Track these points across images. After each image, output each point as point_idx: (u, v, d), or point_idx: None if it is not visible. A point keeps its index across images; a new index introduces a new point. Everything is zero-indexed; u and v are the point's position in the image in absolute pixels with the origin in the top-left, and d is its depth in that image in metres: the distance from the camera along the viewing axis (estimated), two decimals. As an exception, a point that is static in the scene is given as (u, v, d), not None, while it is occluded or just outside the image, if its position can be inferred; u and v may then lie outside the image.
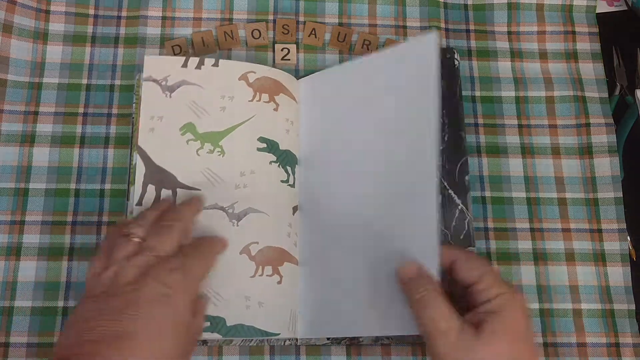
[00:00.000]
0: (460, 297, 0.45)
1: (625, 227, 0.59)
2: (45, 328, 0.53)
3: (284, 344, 0.54)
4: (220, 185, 0.52)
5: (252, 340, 0.52)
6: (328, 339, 0.52)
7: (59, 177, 0.57)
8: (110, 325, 0.40)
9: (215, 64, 0.54)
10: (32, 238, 0.55)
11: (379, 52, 0.53)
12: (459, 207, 0.53)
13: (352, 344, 0.53)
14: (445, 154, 0.54)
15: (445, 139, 0.55)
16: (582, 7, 0.66)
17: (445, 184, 0.54)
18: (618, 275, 0.57)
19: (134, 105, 0.58)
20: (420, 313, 0.43)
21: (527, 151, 0.61)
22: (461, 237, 0.52)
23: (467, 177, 0.53)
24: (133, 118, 0.58)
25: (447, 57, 0.57)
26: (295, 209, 0.54)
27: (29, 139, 0.58)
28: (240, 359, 0.53)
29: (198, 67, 0.54)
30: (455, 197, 0.53)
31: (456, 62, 0.56)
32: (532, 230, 0.58)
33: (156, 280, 0.42)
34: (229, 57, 0.62)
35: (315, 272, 0.52)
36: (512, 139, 0.61)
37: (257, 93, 0.54)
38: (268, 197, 0.52)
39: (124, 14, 0.62)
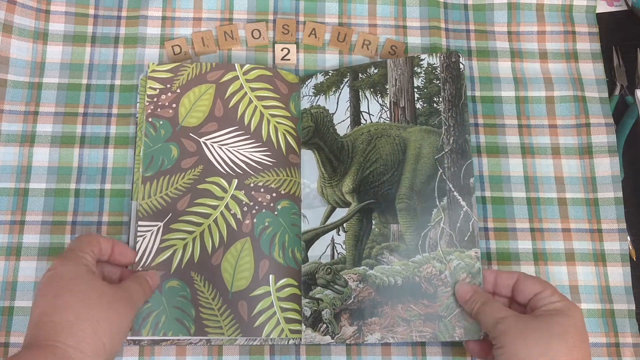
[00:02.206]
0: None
1: (625, 227, 0.59)
2: (45, 328, 0.53)
3: (287, 343, 0.54)
4: None
5: (255, 339, 0.52)
6: (332, 338, 0.52)
7: (59, 177, 0.57)
8: None
9: None
10: (32, 238, 0.55)
11: None
12: (464, 209, 0.53)
13: (356, 343, 0.54)
14: (451, 157, 0.55)
15: (451, 142, 0.55)
16: (582, 7, 0.66)
17: (450, 185, 0.54)
18: (618, 275, 0.57)
19: (137, 105, 0.58)
20: (482, 316, 0.49)
21: (527, 151, 0.61)
22: (466, 238, 0.53)
23: (471, 180, 0.54)
24: (137, 118, 0.58)
25: (452, 61, 0.57)
26: None
27: (29, 139, 0.58)
28: (240, 359, 0.53)
29: None
30: (460, 199, 0.53)
31: (461, 66, 0.56)
32: (532, 230, 0.58)
33: None
34: (229, 57, 0.62)
35: None
36: (512, 139, 0.61)
37: None
38: None
39: (124, 14, 0.62)
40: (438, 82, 0.57)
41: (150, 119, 0.56)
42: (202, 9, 0.63)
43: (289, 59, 0.62)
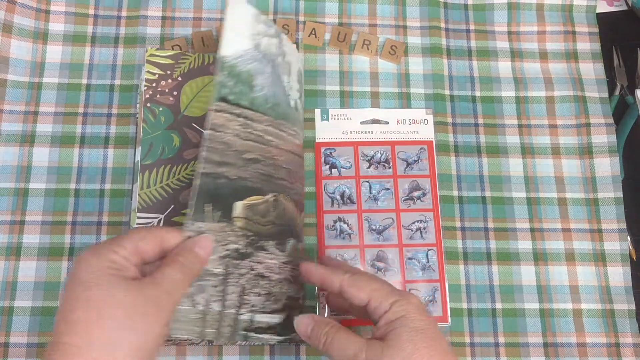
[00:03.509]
0: (364, 314, 0.46)
1: (625, 227, 0.59)
2: (45, 328, 0.53)
3: (289, 344, 0.53)
4: None
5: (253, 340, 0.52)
6: None
7: (59, 177, 0.57)
8: None
9: None
10: (32, 238, 0.55)
11: None
12: None
13: None
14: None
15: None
16: (582, 7, 0.66)
17: None
18: (618, 275, 0.57)
19: (137, 105, 0.58)
20: (330, 352, 0.44)
21: (527, 151, 0.61)
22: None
23: None
24: (137, 118, 0.58)
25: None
26: None
27: (29, 139, 0.58)
28: (240, 359, 0.53)
29: None
30: None
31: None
32: (532, 230, 0.58)
33: None
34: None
35: None
36: (512, 139, 0.61)
37: None
38: None
39: (124, 13, 0.62)
40: None
41: (148, 104, 0.56)
42: (202, 9, 0.63)
43: (289, 59, 0.62)
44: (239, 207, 0.48)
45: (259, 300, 0.48)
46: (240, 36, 0.51)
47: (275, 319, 0.49)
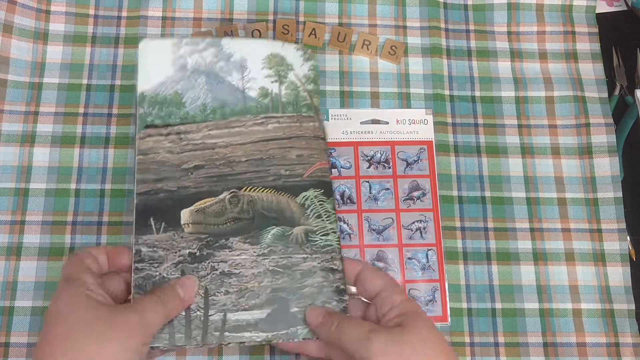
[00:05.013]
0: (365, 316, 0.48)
1: (625, 227, 0.59)
2: (46, 328, 0.53)
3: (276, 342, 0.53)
4: None
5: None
6: None
7: (59, 177, 0.57)
8: None
9: None
10: (32, 238, 0.55)
11: None
12: None
13: None
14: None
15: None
16: (582, 7, 0.66)
17: None
18: (618, 275, 0.57)
19: (136, 137, 0.57)
20: (340, 336, 0.44)
21: (527, 151, 0.61)
22: None
23: None
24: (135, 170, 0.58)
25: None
26: None
27: (29, 139, 0.58)
28: (240, 359, 0.54)
29: None
30: None
31: None
32: (532, 230, 0.58)
33: None
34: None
35: None
36: (512, 139, 0.61)
37: None
38: None
39: (124, 14, 0.63)
40: None
41: None
42: (202, 9, 0.63)
43: (289, 59, 0.62)
44: (185, 214, 0.51)
45: (228, 298, 0.48)
46: (158, 67, 0.55)
47: (256, 314, 0.48)
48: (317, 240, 0.51)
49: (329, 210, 0.52)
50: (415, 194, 0.59)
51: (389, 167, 0.59)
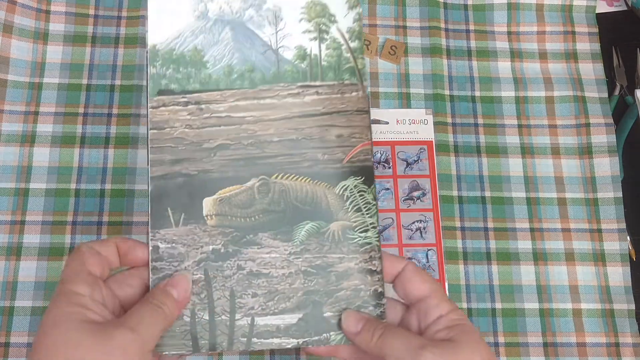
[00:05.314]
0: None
1: (625, 227, 0.59)
2: (46, 328, 0.53)
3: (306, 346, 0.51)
4: None
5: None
6: None
7: (59, 177, 0.57)
8: None
9: None
10: (32, 238, 0.55)
11: None
12: None
13: None
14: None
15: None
16: (582, 7, 0.66)
17: None
18: (618, 275, 0.57)
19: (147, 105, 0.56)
20: (384, 348, 0.39)
21: (527, 151, 0.61)
22: None
23: None
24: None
25: None
26: None
27: (29, 139, 0.58)
28: (240, 359, 0.54)
29: None
30: None
31: None
32: (532, 230, 0.58)
33: None
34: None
35: None
36: (512, 139, 0.61)
37: None
38: None
39: (124, 14, 0.63)
40: None
41: None
42: (202, 9, 0.63)
43: (289, 59, 0.62)
44: (208, 203, 0.44)
45: (256, 301, 0.43)
46: (172, 14, 0.46)
47: (286, 319, 0.43)
48: (356, 238, 0.45)
49: (370, 202, 0.45)
50: (415, 194, 0.59)
51: (389, 167, 0.59)
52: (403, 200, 0.58)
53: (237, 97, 0.45)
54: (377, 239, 0.45)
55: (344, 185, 0.45)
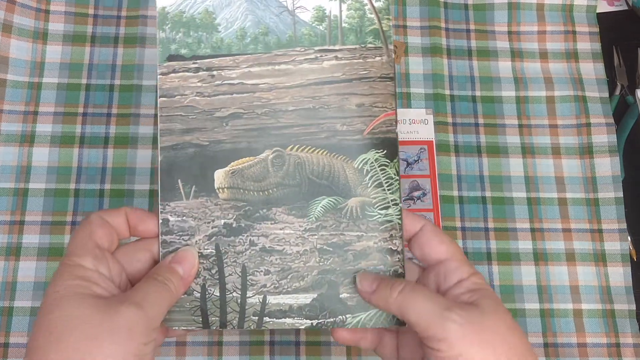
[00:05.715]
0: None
1: (625, 227, 0.58)
2: (45, 328, 0.53)
3: (321, 328, 0.49)
4: None
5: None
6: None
7: (59, 177, 0.57)
8: None
9: None
10: (32, 238, 0.55)
11: None
12: None
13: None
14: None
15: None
16: (583, 7, 0.66)
17: None
18: (618, 275, 0.57)
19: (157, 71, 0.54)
20: (406, 307, 0.37)
21: (527, 151, 0.61)
22: None
23: None
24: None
25: None
26: None
27: (28, 139, 0.58)
28: (240, 358, 0.53)
29: None
30: None
31: None
32: (532, 230, 0.58)
33: None
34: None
35: None
36: (512, 139, 0.61)
37: None
38: None
39: (123, 13, 0.62)
40: None
41: None
42: (202, 8, 0.63)
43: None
44: (219, 176, 0.42)
45: (269, 279, 0.42)
46: None
47: (300, 299, 0.42)
48: (375, 215, 0.42)
49: (392, 177, 0.42)
50: (416, 194, 0.59)
51: (389, 167, 0.59)
52: (403, 200, 0.58)
53: (251, 63, 0.43)
54: (399, 216, 0.42)
55: (364, 159, 0.43)
